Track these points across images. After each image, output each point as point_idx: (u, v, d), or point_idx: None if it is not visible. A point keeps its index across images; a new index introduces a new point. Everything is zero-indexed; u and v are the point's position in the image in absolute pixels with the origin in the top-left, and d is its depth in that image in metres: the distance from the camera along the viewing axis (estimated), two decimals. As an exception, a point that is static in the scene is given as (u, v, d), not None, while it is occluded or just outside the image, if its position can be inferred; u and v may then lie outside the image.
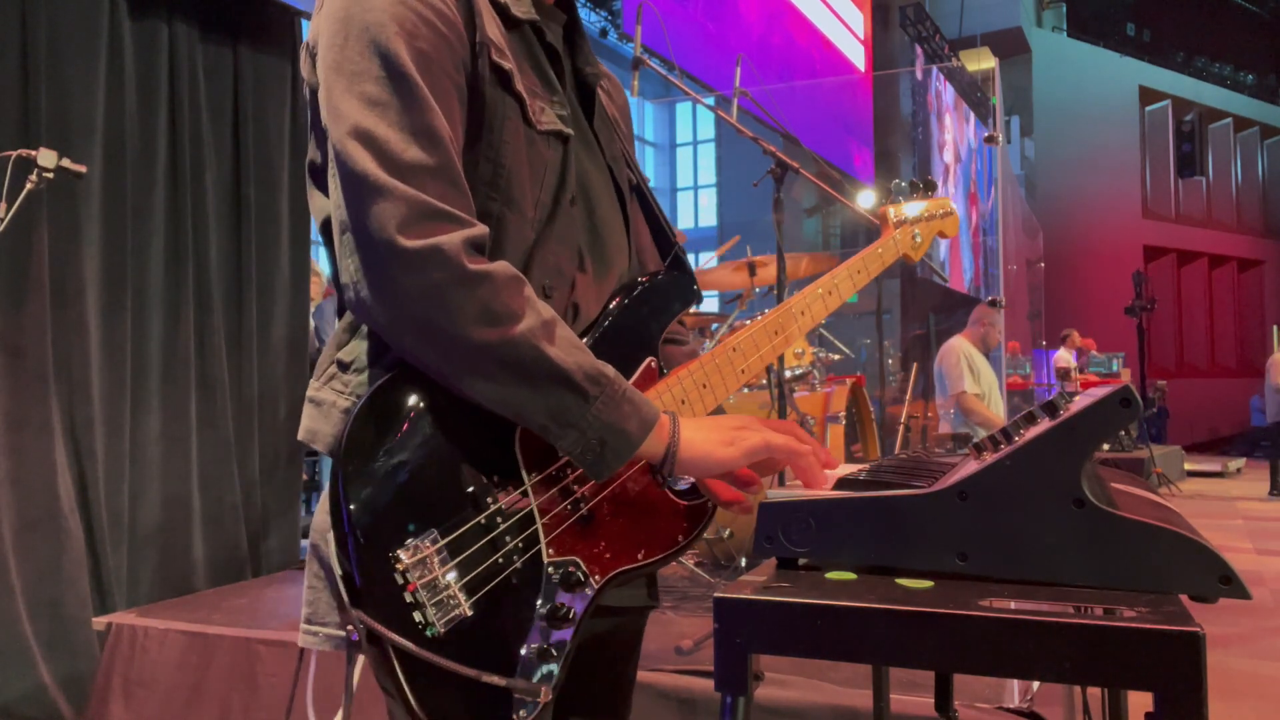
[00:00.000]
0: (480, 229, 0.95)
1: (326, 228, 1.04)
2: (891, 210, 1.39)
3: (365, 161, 0.91)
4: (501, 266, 0.95)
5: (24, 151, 2.69)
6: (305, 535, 4.52)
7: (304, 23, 4.22)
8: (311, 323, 5.06)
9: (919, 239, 1.41)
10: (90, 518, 3.23)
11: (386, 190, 0.90)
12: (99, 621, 3.14)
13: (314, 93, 1.02)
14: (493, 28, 1.04)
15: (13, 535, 3.01)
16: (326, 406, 1.02)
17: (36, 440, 3.09)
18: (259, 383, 3.95)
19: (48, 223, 3.12)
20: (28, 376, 3.08)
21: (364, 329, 1.03)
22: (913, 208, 1.41)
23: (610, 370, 0.97)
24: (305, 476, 4.90)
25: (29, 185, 2.69)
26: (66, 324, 3.19)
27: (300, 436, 1.03)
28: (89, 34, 3.28)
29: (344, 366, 1.03)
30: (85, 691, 3.07)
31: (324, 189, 1.04)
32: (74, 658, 3.09)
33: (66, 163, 2.73)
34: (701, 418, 1.07)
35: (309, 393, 1.05)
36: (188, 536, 3.59)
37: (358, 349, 1.02)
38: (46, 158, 2.69)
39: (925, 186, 1.43)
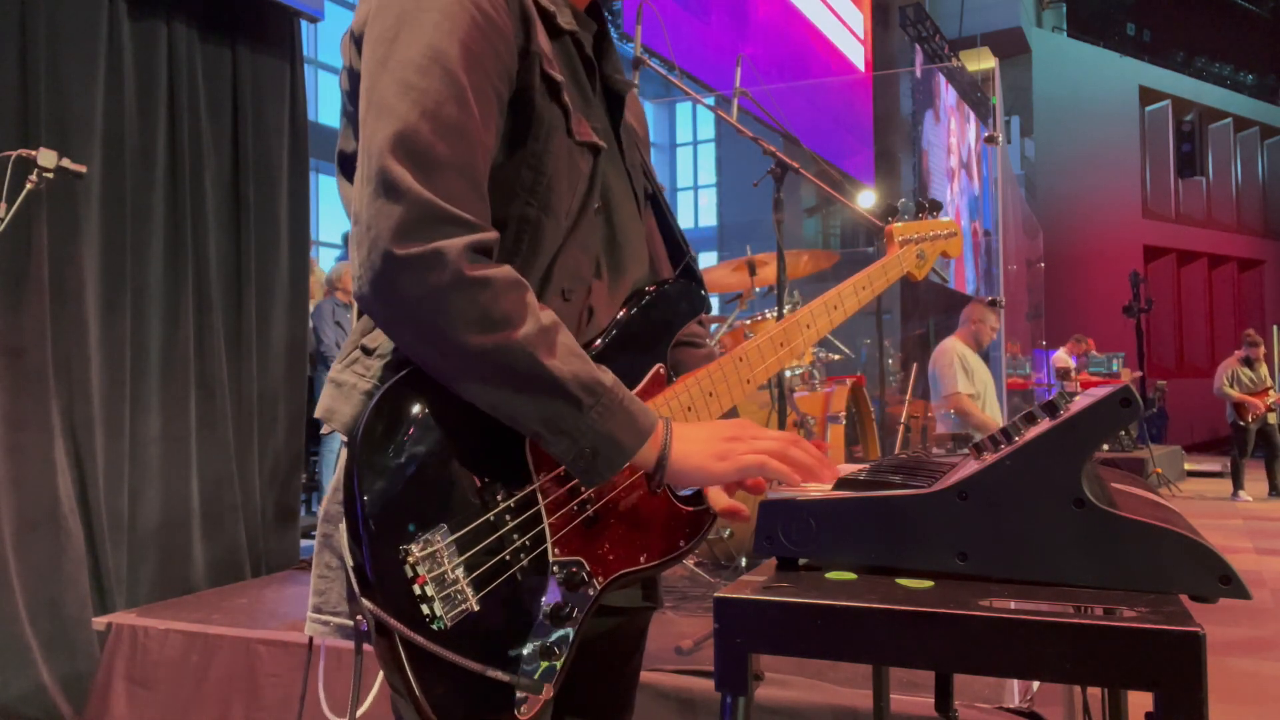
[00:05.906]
0: (490, 234, 0.95)
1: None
2: (897, 229, 1.40)
3: (390, 156, 0.91)
4: (504, 271, 0.95)
5: (24, 151, 2.69)
6: (305, 535, 4.54)
7: (303, 24, 4.22)
8: (310, 323, 5.07)
9: (924, 257, 1.43)
10: (90, 518, 3.22)
11: (401, 190, 0.90)
12: (99, 621, 3.14)
13: (354, 77, 1.03)
14: (543, 37, 1.05)
15: (13, 535, 3.01)
16: (347, 388, 1.03)
17: (36, 440, 3.08)
18: (259, 383, 3.95)
19: (47, 222, 3.11)
20: (28, 376, 3.07)
21: None
22: (918, 227, 1.42)
23: (609, 379, 0.97)
24: (305, 476, 4.90)
25: (29, 185, 2.69)
26: (66, 324, 3.18)
27: (317, 414, 1.04)
28: (88, 34, 3.27)
29: (368, 351, 1.05)
30: (85, 691, 3.07)
31: (354, 178, 1.06)
32: (74, 657, 3.09)
33: (66, 163, 2.73)
34: (700, 424, 1.07)
35: (330, 374, 1.06)
36: (188, 536, 3.59)
37: (382, 335, 1.04)
38: (46, 158, 2.69)
39: (931, 207, 1.45)
